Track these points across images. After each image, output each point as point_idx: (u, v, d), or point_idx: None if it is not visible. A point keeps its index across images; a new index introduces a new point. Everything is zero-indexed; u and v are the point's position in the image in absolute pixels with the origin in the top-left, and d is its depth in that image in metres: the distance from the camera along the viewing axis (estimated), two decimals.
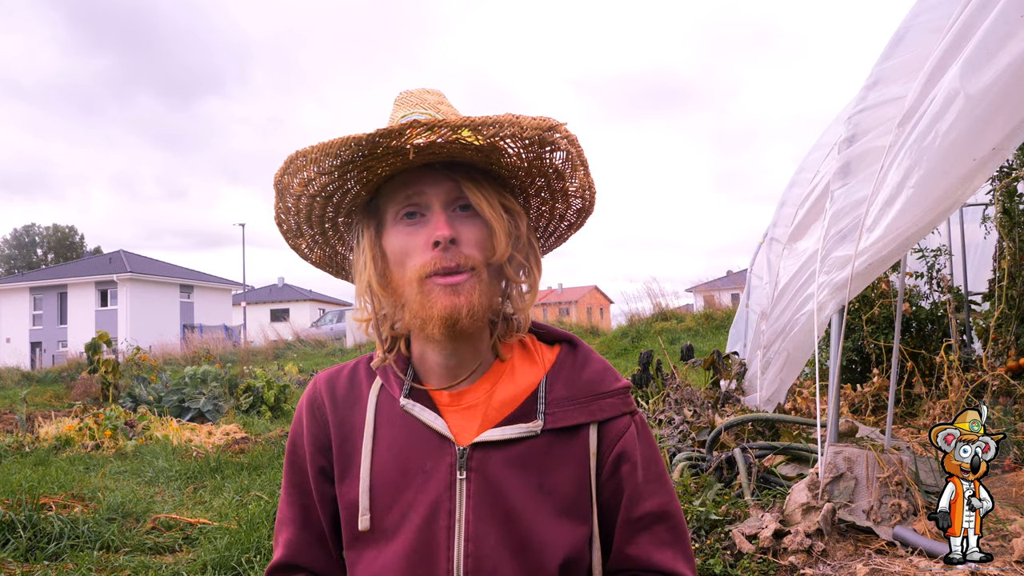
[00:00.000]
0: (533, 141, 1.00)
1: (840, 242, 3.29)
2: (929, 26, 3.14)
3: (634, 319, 18.86)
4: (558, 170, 1.06)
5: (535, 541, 1.01)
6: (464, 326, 1.00)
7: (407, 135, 0.93)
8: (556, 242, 1.22)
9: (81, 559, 3.69)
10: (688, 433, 5.06)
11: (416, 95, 1.12)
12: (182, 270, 44.48)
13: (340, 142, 0.95)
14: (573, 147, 1.03)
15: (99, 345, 12.23)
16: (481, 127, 0.94)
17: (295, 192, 1.04)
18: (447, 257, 0.99)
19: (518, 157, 1.03)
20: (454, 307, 0.99)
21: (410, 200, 1.03)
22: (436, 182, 1.02)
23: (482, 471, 1.03)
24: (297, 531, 1.14)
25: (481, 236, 1.03)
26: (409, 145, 0.94)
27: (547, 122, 0.97)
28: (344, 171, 1.00)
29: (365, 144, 0.95)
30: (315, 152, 0.97)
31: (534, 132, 0.97)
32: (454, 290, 0.99)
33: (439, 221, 1.00)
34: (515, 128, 0.96)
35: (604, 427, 1.08)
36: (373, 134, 0.93)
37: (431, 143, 0.95)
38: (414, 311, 1.02)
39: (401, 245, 1.03)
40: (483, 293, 1.01)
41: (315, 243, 1.16)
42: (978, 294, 6.02)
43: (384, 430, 1.08)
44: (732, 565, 2.81)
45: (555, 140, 1.01)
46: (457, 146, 0.97)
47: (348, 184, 1.04)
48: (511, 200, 1.07)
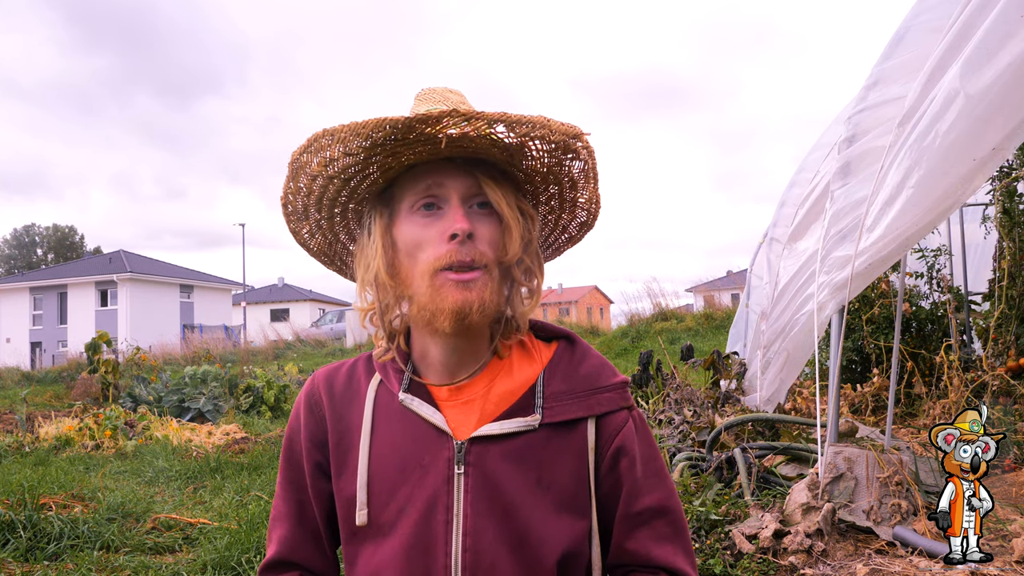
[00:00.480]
0: (559, 146, 1.01)
1: (840, 242, 3.29)
2: (929, 26, 3.15)
3: (634, 319, 18.85)
4: (573, 179, 1.08)
5: (533, 536, 1.01)
6: (473, 321, 1.00)
7: (444, 123, 0.93)
8: (552, 254, 1.22)
9: (81, 559, 3.69)
10: (688, 433, 5.06)
11: (439, 92, 1.12)
12: (182, 270, 44.46)
13: (374, 123, 0.93)
14: (591, 158, 1.04)
15: (99, 345, 12.24)
16: (516, 124, 0.96)
17: (312, 172, 1.03)
18: (463, 251, 0.99)
19: (540, 161, 1.04)
20: (466, 301, 0.99)
21: (429, 191, 1.02)
22: (456, 176, 1.02)
23: (480, 465, 1.02)
24: (292, 527, 1.14)
25: (496, 235, 1.03)
26: (443, 135, 0.94)
27: (573, 129, 0.99)
28: (371, 154, 0.99)
29: (401, 128, 0.94)
30: (344, 131, 0.95)
31: (561, 137, 0.99)
32: (466, 286, 0.99)
33: (457, 214, 1.00)
34: (545, 130, 0.97)
35: (602, 421, 1.07)
36: (411, 118, 0.93)
37: (463, 135, 0.95)
38: (423, 303, 1.01)
39: (415, 236, 1.03)
40: (494, 291, 1.02)
41: (318, 229, 1.14)
42: (978, 294, 6.02)
43: (382, 425, 1.08)
44: (732, 565, 2.81)
45: (577, 148, 1.02)
46: (486, 142, 0.97)
47: (370, 168, 1.03)
48: (526, 203, 1.07)
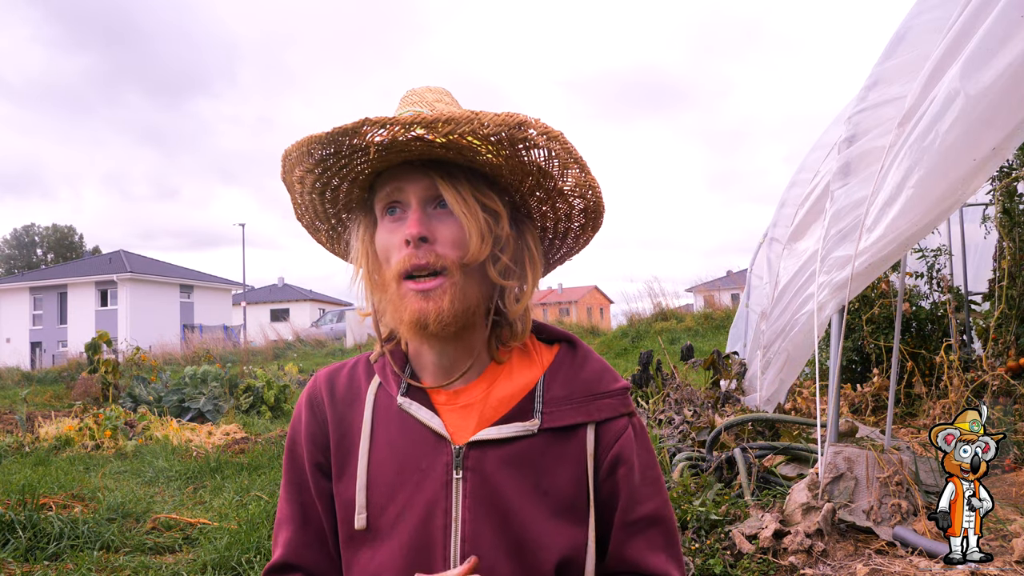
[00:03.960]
0: (501, 138, 0.96)
1: (840, 242, 3.29)
2: (929, 26, 3.15)
3: (634, 319, 18.85)
4: (541, 168, 1.02)
5: (531, 541, 1.01)
6: (432, 331, 0.99)
7: (364, 131, 0.93)
8: (574, 242, 1.16)
9: (81, 559, 3.69)
10: (688, 433, 5.06)
11: (418, 93, 1.12)
12: (182, 270, 44.46)
13: (307, 140, 0.96)
14: (557, 143, 0.98)
15: (99, 345, 12.24)
16: (434, 124, 0.92)
17: (297, 189, 1.07)
18: (418, 255, 0.99)
19: (494, 155, 0.98)
20: (422, 312, 0.98)
21: (391, 197, 1.03)
22: (415, 179, 1.01)
23: (478, 470, 1.02)
24: (296, 530, 1.13)
25: (457, 235, 1.00)
26: (371, 144, 0.95)
27: (513, 118, 0.93)
28: (324, 167, 1.01)
29: (326, 142, 0.96)
30: (295, 150, 0.99)
31: (497, 129, 0.93)
32: (425, 296, 0.99)
33: (412, 219, 1.00)
34: (474, 125, 0.92)
35: (602, 428, 1.06)
36: (331, 132, 0.94)
37: (394, 140, 0.94)
38: (392, 311, 1.03)
39: (383, 242, 1.03)
40: (455, 298, 0.99)
41: (329, 238, 1.18)
42: (978, 294, 6.02)
43: (381, 428, 1.08)
44: (732, 565, 2.81)
45: (528, 136, 0.96)
46: (423, 143, 0.95)
47: (334, 181, 1.04)
48: (493, 199, 1.03)
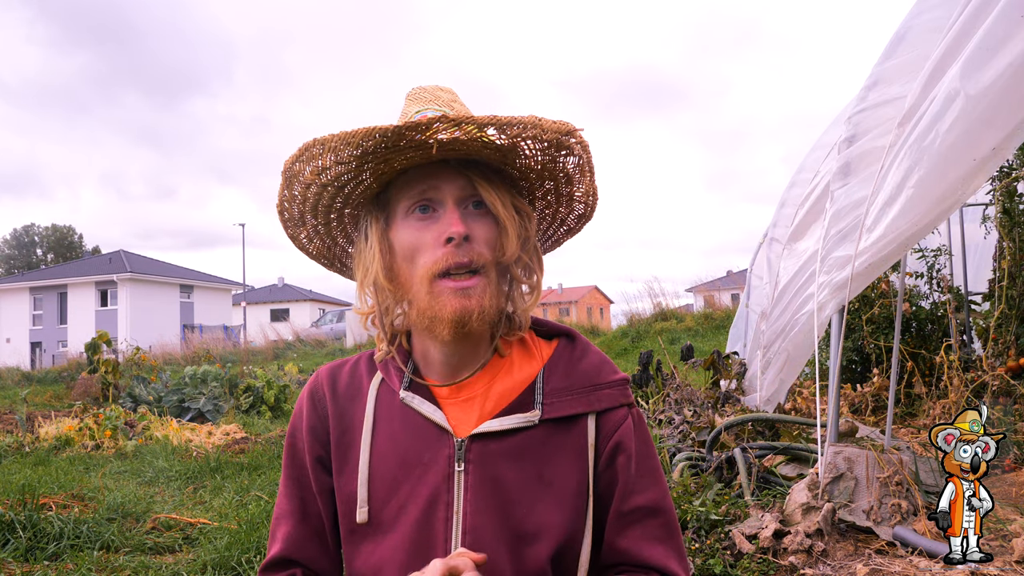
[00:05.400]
0: (551, 144, 1.01)
1: (840, 242, 3.29)
2: (929, 26, 3.15)
3: (634, 319, 18.84)
4: (568, 174, 1.07)
5: (532, 532, 1.01)
6: (473, 328, 1.01)
7: (433, 129, 0.93)
8: (552, 246, 1.23)
9: (81, 559, 3.68)
10: (688, 433, 5.06)
11: (430, 91, 1.12)
12: (182, 270, 44.45)
13: (364, 132, 0.94)
14: (585, 153, 1.04)
15: (99, 345, 12.24)
16: (506, 126, 0.95)
17: (306, 180, 1.03)
18: (459, 253, 1.00)
19: (534, 159, 1.04)
20: (465, 310, 0.99)
21: (424, 195, 1.02)
22: (450, 178, 1.02)
23: (480, 463, 1.03)
24: (295, 525, 1.13)
25: (492, 235, 1.03)
26: (433, 140, 0.95)
27: (566, 126, 0.98)
28: (363, 162, 1.00)
29: (391, 136, 0.94)
30: (335, 141, 0.96)
31: (553, 135, 0.98)
32: (465, 293, 1.00)
33: (453, 217, 1.00)
34: (537, 130, 0.97)
35: (602, 418, 1.07)
36: (400, 126, 0.93)
37: (453, 139, 0.95)
38: (421, 309, 1.02)
39: (411, 240, 1.03)
40: (492, 295, 1.02)
41: (315, 234, 1.15)
42: (978, 294, 6.02)
43: (383, 423, 1.08)
44: (732, 565, 2.81)
45: (571, 145, 1.02)
46: (477, 144, 0.97)
47: (363, 175, 1.03)
48: (521, 201, 1.08)
